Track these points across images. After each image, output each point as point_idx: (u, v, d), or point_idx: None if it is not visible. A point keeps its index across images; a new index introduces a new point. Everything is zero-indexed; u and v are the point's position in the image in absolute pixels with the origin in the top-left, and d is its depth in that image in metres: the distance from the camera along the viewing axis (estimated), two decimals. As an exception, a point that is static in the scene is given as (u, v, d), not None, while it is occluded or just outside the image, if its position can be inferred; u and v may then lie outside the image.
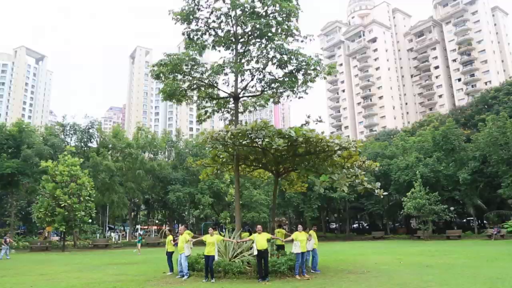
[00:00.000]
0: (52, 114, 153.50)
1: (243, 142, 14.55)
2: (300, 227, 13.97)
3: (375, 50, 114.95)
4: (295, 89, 15.71)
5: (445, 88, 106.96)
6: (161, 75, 14.80)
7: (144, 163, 35.83)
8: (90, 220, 30.31)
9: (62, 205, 26.92)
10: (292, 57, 14.43)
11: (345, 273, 13.70)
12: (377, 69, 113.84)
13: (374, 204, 47.31)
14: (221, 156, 15.91)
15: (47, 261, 21.00)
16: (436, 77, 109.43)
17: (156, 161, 37.94)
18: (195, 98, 17.58)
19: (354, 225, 64.43)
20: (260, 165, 17.22)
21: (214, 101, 17.88)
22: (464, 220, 52.01)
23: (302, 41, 16.25)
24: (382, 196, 13.47)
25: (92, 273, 15.15)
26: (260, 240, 12.26)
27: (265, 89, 17.14)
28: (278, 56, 15.28)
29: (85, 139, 35.66)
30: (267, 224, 51.82)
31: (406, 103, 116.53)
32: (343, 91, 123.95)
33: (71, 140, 35.44)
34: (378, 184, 13.28)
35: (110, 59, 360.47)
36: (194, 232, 57.21)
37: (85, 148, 35.90)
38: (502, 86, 52.01)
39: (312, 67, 15.27)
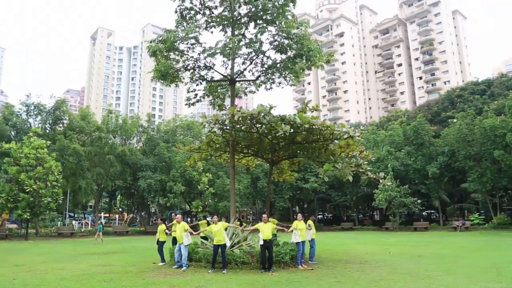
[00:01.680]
0: (3, 94, 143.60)
1: (242, 127, 13.98)
2: (300, 215, 13.63)
3: (342, 44, 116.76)
4: (298, 74, 15.17)
5: (407, 85, 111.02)
6: (158, 52, 13.72)
7: (115, 148, 33.96)
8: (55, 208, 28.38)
9: (27, 190, 24.88)
10: (298, 41, 13.81)
11: (343, 263, 13.54)
12: (343, 63, 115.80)
13: (341, 196, 48.23)
14: (217, 142, 15.12)
15: (15, 251, 19.35)
16: (399, 74, 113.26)
17: (127, 146, 36.10)
18: (186, 79, 16.62)
19: (318, 216, 65.50)
20: (254, 153, 16.67)
21: (207, 84, 17.05)
22: (425, 213, 54.29)
23: (297, 28, 15.75)
24: (386, 186, 13.42)
25: (73, 263, 14.00)
26: (266, 230, 11.77)
27: (262, 74, 16.52)
28: (281, 40, 14.65)
29: (51, 121, 33.18)
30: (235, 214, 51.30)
31: (370, 98, 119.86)
32: (309, 83, 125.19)
33: (35, 121, 32.83)
34: (382, 174, 13.17)
35: (68, 39, 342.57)
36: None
37: (49, 130, 33.43)
38: (467, 86, 54.63)
39: (314, 54, 14.78)
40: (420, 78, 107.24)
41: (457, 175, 39.07)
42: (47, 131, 32.92)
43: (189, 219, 53.66)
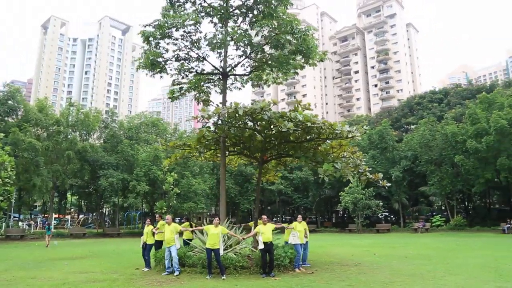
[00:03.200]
0: None
1: (238, 123, 13.28)
2: (299, 217, 13.13)
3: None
4: (297, 70, 14.71)
5: (363, 92, 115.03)
6: (151, 38, 12.60)
7: (75, 143, 31.48)
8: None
9: (-24, 187, 22.29)
10: (301, 36, 13.29)
11: (338, 265, 13.21)
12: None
13: (302, 198, 48.54)
14: (208, 138, 14.20)
15: (-36, 255, 17.10)
16: (356, 81, 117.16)
17: (89, 143, 33.62)
18: (173, 71, 15.49)
19: (275, 219, 65.49)
20: (241, 151, 15.94)
21: (194, 77, 16.06)
22: (381, 215, 55.97)
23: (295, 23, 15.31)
24: (386, 187, 13.30)
25: (43, 271, 12.44)
26: (266, 232, 11.12)
27: (254, 70, 15.89)
28: (279, 34, 14.04)
29: (2, 111, 29.96)
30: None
31: (327, 103, 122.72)
32: (268, 86, 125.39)
33: (-17, 111, 29.43)
34: (380, 175, 12.98)
35: (16, 27, 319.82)
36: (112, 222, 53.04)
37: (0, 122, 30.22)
38: (425, 94, 57.42)
39: (312, 51, 14.37)
40: (375, 85, 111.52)
41: (415, 179, 40.59)
42: (-4, 123, 29.85)
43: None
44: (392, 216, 49.27)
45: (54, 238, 29.78)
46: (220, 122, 12.86)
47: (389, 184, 13.29)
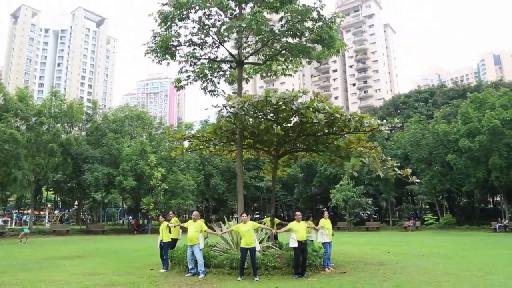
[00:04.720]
0: None
1: (258, 114, 12.53)
2: (325, 214, 12.48)
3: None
4: (320, 59, 14.01)
5: (341, 91, 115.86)
6: (169, 19, 11.55)
7: (58, 135, 29.63)
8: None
9: (-46, 181, 20.41)
10: (326, 24, 12.60)
11: (362, 264, 12.68)
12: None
13: (286, 196, 48.17)
14: (223, 129, 13.35)
15: None
16: (334, 79, 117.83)
17: (73, 135, 31.76)
18: (182, 57, 14.45)
19: (257, 216, 64.94)
20: (250, 145, 15.11)
21: (202, 65, 15.10)
22: (363, 213, 56.25)
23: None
24: (416, 183, 12.87)
25: (46, 272, 11.25)
26: (300, 230, 10.42)
27: (269, 58, 15.11)
28: (300, 21, 13.31)
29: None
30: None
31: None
32: (247, 83, 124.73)
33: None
34: (409, 171, 12.54)
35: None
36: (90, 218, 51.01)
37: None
38: (411, 93, 58.14)
39: (334, 41, 13.72)
40: (354, 84, 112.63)
41: (403, 177, 40.81)
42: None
43: (130, 217, 49.77)
44: (376, 215, 49.68)
45: (36, 235, 28.05)
46: (242, 112, 11.99)
47: (418, 180, 12.90)
